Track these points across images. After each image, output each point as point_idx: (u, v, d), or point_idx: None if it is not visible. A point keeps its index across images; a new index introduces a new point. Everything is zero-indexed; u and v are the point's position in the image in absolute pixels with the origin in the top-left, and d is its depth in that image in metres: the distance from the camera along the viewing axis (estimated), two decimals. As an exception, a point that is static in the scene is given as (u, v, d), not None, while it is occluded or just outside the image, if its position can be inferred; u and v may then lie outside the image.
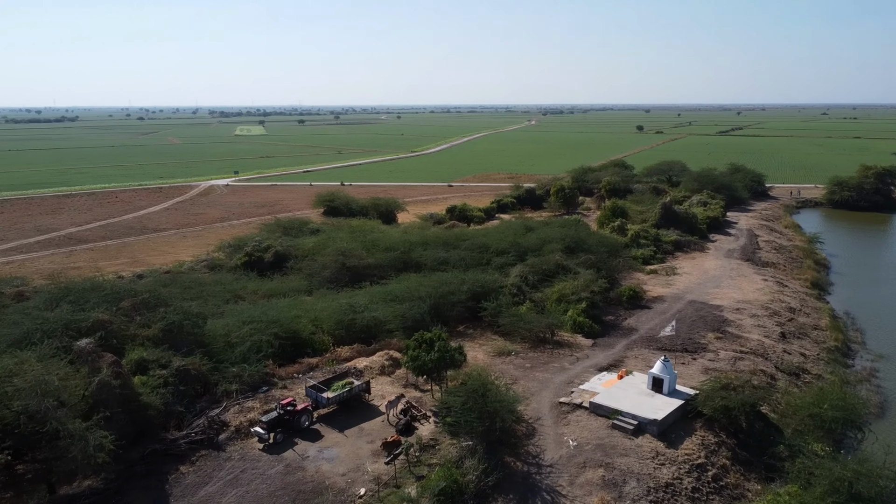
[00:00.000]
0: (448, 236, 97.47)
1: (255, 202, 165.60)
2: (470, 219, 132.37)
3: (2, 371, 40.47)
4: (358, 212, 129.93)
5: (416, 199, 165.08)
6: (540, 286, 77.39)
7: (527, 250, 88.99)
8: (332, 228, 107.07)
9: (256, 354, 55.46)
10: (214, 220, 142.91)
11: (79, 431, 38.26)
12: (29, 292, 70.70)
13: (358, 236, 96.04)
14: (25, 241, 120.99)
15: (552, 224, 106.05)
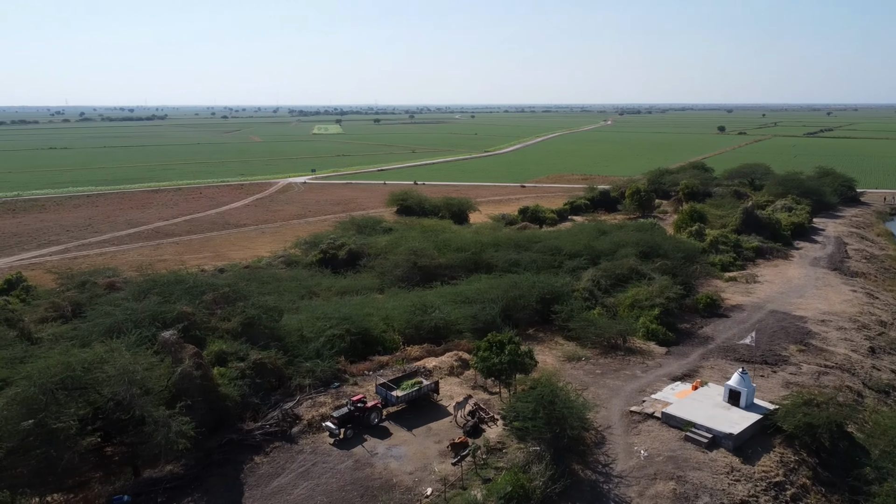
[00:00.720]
0: (520, 238, 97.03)
1: (330, 200, 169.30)
2: (542, 220, 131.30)
3: (94, 358, 42.82)
4: (430, 211, 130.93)
5: (488, 200, 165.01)
6: (612, 291, 76.05)
7: (600, 254, 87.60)
8: (404, 227, 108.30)
9: (329, 350, 56.75)
10: (291, 216, 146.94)
11: (162, 418, 40.15)
12: (120, 283, 74.64)
13: (430, 236, 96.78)
14: (117, 233, 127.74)
15: (626, 227, 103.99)
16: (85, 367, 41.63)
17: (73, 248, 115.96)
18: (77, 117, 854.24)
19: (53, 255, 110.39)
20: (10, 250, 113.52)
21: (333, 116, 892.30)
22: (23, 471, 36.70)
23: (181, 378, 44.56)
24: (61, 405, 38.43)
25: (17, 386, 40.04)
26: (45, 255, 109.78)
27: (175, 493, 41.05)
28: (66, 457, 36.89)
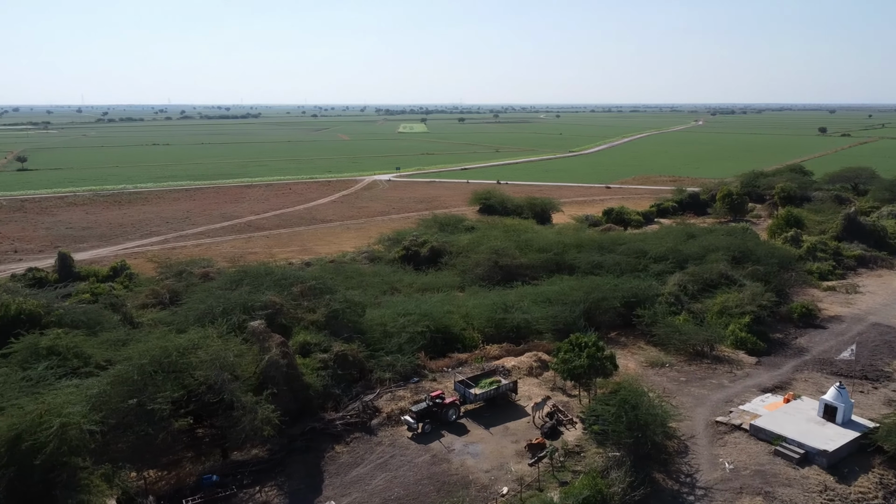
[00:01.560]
0: (603, 239, 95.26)
1: (414, 198, 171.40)
2: (627, 222, 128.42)
3: (189, 343, 45.05)
4: (513, 210, 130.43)
5: (571, 200, 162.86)
6: (700, 297, 73.52)
7: (687, 258, 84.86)
8: (486, 226, 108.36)
9: (410, 346, 57.53)
10: (376, 213, 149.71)
11: (249, 404, 41.82)
12: (213, 273, 78.20)
13: (512, 235, 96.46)
14: (212, 226, 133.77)
15: (717, 231, 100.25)
16: (180, 351, 43.88)
17: (172, 238, 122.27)
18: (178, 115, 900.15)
19: (154, 245, 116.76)
20: (116, 239, 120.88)
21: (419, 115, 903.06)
22: (123, 447, 39.09)
23: (268, 366, 46.25)
24: (158, 387, 40.66)
25: (120, 367, 42.70)
26: (147, 245, 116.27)
27: (259, 476, 42.71)
28: (160, 436, 39.00)
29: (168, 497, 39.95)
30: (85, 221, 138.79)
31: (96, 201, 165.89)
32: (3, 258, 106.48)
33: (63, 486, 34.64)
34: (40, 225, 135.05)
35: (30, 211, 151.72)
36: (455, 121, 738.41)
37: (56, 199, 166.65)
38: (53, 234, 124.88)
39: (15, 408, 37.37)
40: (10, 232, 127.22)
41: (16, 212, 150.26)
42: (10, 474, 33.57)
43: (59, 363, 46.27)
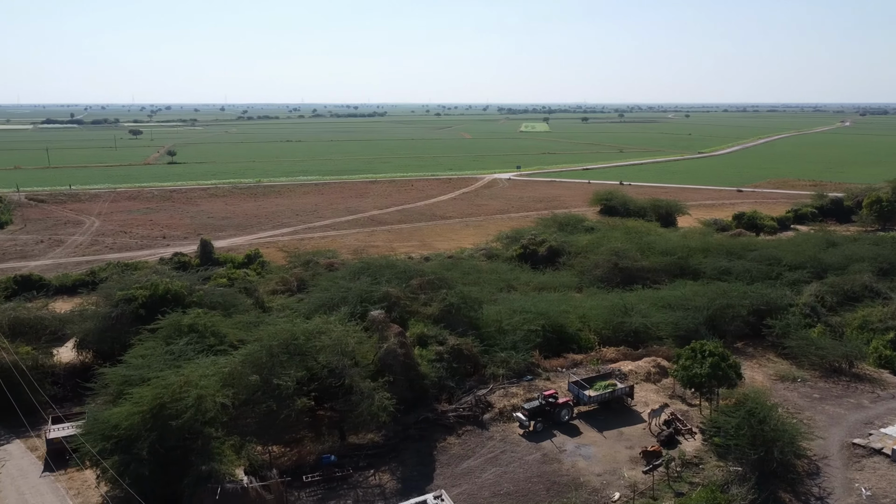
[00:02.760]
0: (732, 245, 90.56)
1: (533, 197, 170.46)
2: (759, 228, 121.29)
3: (313, 329, 47.35)
4: (635, 212, 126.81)
5: (699, 203, 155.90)
6: (839, 309, 68.34)
7: (827, 267, 79.10)
8: (607, 227, 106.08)
9: (524, 343, 57.37)
10: (495, 211, 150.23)
11: (367, 390, 43.37)
12: (338, 264, 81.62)
13: (633, 237, 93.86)
14: (338, 219, 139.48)
15: (862, 240, 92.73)
16: (305, 335, 46.22)
17: (301, 230, 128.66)
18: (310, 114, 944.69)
19: (285, 235, 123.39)
20: (251, 229, 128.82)
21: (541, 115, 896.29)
22: (250, 421, 41.76)
23: (386, 354, 47.72)
24: (283, 367, 43.07)
25: (251, 347, 45.60)
26: (279, 235, 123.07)
27: (374, 460, 44.19)
28: (284, 413, 41.26)
29: (290, 472, 42.17)
30: (224, 212, 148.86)
31: (235, 193, 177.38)
32: (153, 243, 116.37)
33: (198, 452, 37.55)
34: (186, 214, 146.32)
35: (177, 201, 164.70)
36: (578, 120, 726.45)
37: (200, 191, 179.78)
38: (197, 223, 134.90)
39: (159, 379, 40.87)
40: (160, 219, 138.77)
41: (165, 201, 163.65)
42: (153, 437, 36.83)
43: (198, 340, 50.01)
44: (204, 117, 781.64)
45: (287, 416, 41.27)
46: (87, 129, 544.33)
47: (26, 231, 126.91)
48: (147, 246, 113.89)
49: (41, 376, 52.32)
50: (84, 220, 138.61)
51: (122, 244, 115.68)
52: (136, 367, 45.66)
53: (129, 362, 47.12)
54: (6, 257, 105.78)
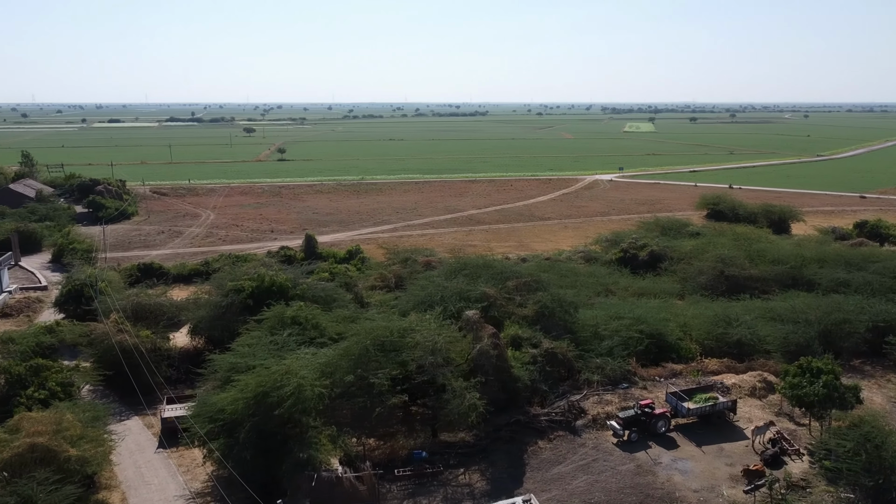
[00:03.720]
0: (852, 255, 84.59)
1: (635, 199, 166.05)
2: (884, 237, 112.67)
3: (408, 326, 48.24)
4: (745, 218, 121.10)
5: (816, 210, 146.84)
6: (976, 329, 62.41)
7: (961, 283, 72.39)
8: (713, 233, 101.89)
9: (621, 350, 56.07)
10: (595, 213, 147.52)
11: (459, 389, 43.72)
12: (435, 262, 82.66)
13: (742, 244, 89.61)
14: (437, 218, 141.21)
15: None
16: (400, 332, 47.17)
17: (401, 227, 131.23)
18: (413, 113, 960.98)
19: (385, 232, 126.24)
20: (353, 225, 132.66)
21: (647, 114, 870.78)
22: (346, 413, 43.09)
23: (479, 355, 47.89)
24: (379, 363, 44.13)
25: (348, 342, 47.01)
26: (379, 232, 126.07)
27: (465, 458, 44.49)
28: (377, 408, 42.26)
29: (382, 465, 43.17)
30: (328, 208, 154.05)
31: (339, 190, 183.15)
32: (262, 236, 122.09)
33: (296, 439, 39.15)
34: (293, 209, 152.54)
35: (285, 196, 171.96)
36: (686, 120, 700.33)
37: (306, 187, 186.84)
38: (302, 218, 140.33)
39: (262, 367, 42.89)
40: (269, 214, 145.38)
41: (274, 196, 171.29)
42: (255, 423, 38.75)
43: (300, 332, 52.10)
44: (312, 116, 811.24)
45: (380, 412, 42.25)
46: (206, 126, 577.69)
47: (150, 222, 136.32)
48: (256, 239, 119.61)
49: (158, 359, 56.13)
50: (200, 212, 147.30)
51: (233, 237, 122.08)
52: (242, 355, 48.11)
53: (237, 350, 49.73)
54: (132, 246, 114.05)
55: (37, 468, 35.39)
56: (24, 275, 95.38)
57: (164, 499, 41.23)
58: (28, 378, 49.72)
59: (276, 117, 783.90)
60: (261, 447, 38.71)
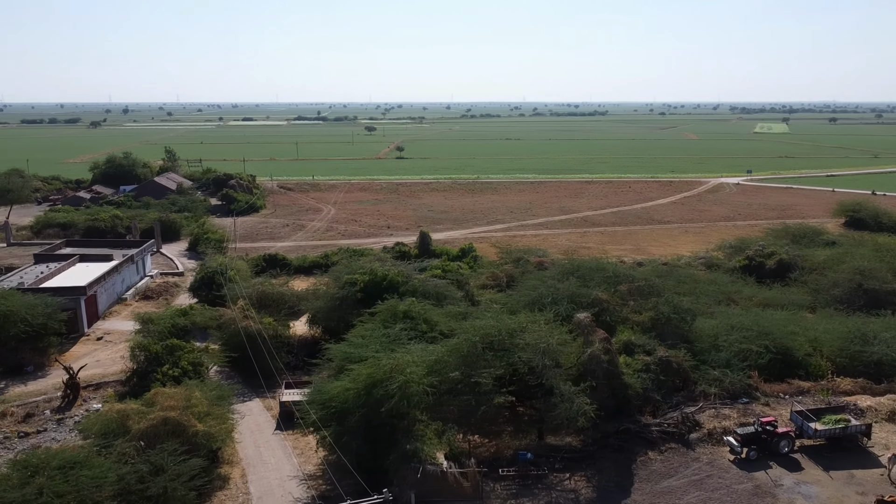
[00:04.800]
0: None
1: (764, 204, 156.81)
2: None
3: (518, 326, 48.00)
4: (889, 227, 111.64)
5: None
6: None
7: None
8: (851, 242, 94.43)
9: (741, 363, 53.23)
10: (718, 218, 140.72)
11: (567, 393, 43.01)
12: (547, 263, 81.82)
13: (884, 255, 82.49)
14: (551, 218, 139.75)
15: None
16: (509, 332, 47.02)
17: (514, 227, 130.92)
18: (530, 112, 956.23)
19: (498, 231, 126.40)
20: (466, 224, 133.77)
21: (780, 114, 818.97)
22: (453, 410, 43.49)
23: (589, 359, 46.94)
24: (486, 362, 44.21)
25: (457, 339, 47.43)
26: (492, 231, 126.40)
27: (570, 463, 43.77)
28: (483, 407, 42.30)
29: (487, 463, 43.27)
30: (443, 206, 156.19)
31: (454, 189, 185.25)
32: (378, 232, 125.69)
33: (403, 431, 40.02)
34: (409, 206, 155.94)
35: (402, 193, 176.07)
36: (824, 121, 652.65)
37: (422, 185, 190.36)
38: (417, 215, 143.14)
39: (374, 359, 44.13)
40: (386, 210, 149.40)
41: (391, 193, 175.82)
42: (364, 413, 39.97)
43: (411, 327, 53.17)
44: (431, 115, 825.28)
45: (486, 410, 42.32)
46: (330, 125, 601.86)
47: (275, 215, 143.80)
48: (373, 234, 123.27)
49: (279, 345, 59.14)
50: (322, 207, 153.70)
51: (352, 231, 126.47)
52: (355, 346, 49.72)
53: (351, 341, 51.47)
54: (258, 237, 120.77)
55: (168, 440, 38.21)
56: (164, 261, 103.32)
57: (279, 478, 43.40)
58: (164, 356, 53.93)
59: (396, 116, 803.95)
60: (369, 437, 39.90)
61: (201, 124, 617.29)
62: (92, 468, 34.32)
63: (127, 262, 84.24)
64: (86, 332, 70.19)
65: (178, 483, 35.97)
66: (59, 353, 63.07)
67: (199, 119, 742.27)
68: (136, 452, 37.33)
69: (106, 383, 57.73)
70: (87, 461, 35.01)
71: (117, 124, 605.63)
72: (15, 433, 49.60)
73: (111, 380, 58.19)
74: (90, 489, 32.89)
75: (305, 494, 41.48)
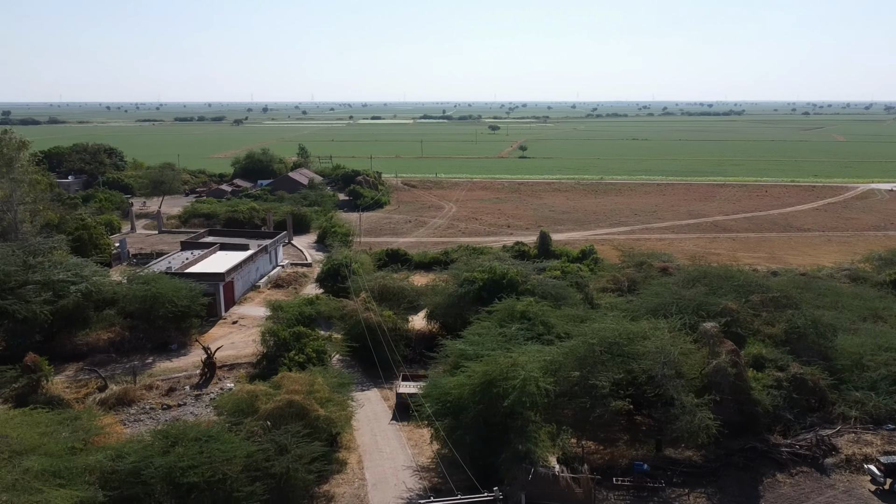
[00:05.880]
0: None
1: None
2: None
3: (638, 332, 46.49)
4: None
5: None
6: None
7: None
8: None
9: (889, 385, 48.67)
10: (867, 227, 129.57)
11: (689, 405, 41.12)
12: (672, 269, 78.60)
13: None
14: (678, 222, 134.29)
15: None
16: (629, 338, 45.63)
17: (638, 230, 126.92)
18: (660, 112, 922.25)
19: (620, 234, 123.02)
20: (588, 225, 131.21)
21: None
22: (568, 413, 42.82)
23: (715, 371, 44.67)
24: (604, 367, 43.14)
25: (575, 341, 46.61)
26: (614, 234, 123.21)
27: (689, 479, 41.88)
28: (598, 411, 41.28)
29: (601, 470, 42.24)
30: (565, 206, 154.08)
31: (576, 189, 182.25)
32: (498, 231, 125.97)
33: (517, 431, 39.85)
34: (529, 205, 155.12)
35: (523, 193, 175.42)
36: None
37: (544, 185, 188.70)
38: (538, 215, 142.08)
39: (490, 357, 44.24)
40: (507, 209, 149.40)
41: (513, 192, 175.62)
42: (479, 410, 40.19)
43: (528, 327, 52.85)
44: (555, 114, 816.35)
45: (601, 415, 41.30)
46: (455, 124, 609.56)
47: (399, 212, 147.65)
48: (493, 233, 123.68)
49: (397, 338, 60.73)
50: (444, 205, 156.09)
51: (472, 229, 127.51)
52: (472, 343, 50.07)
53: (467, 338, 51.88)
54: (382, 233, 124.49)
55: (291, 422, 40.21)
56: (295, 252, 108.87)
57: (394, 467, 44.57)
58: (291, 342, 56.86)
59: (520, 115, 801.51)
60: (482, 434, 40.08)
61: (333, 122, 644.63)
62: (223, 443, 36.75)
63: (261, 251, 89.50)
64: (223, 315, 75.23)
65: (300, 464, 37.76)
66: (199, 334, 68.04)
67: (331, 117, 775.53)
68: (263, 431, 39.56)
69: (238, 365, 61.66)
70: (220, 436, 37.54)
71: (257, 122, 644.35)
72: (159, 405, 54.10)
73: (243, 362, 62.06)
74: (221, 462, 35.22)
75: (418, 485, 42.32)
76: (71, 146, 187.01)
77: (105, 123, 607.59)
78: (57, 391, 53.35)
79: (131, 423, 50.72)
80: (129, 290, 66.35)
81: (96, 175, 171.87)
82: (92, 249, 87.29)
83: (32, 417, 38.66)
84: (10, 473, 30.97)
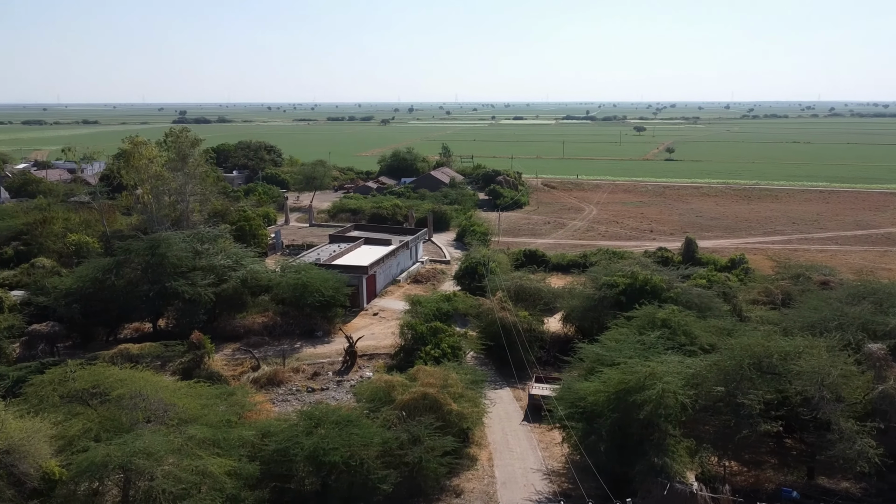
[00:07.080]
0: None
1: None
2: None
3: (792, 349, 43.13)
4: None
5: None
6: None
7: None
8: None
9: None
10: None
11: (848, 431, 37.68)
12: (834, 283, 72.28)
13: None
14: (843, 233, 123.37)
15: None
16: (782, 355, 42.49)
17: (795, 240, 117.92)
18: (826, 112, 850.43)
19: (775, 243, 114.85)
20: (739, 233, 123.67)
21: None
22: (709, 429, 40.68)
23: (881, 397, 40.65)
24: (752, 383, 40.46)
25: (720, 355, 44.14)
26: (768, 243, 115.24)
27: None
28: (745, 431, 38.82)
29: (744, 493, 39.73)
30: (713, 212, 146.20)
31: (727, 194, 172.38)
32: (640, 235, 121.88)
33: (653, 444, 38.41)
34: (675, 210, 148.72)
35: (668, 197, 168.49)
36: None
37: (691, 189, 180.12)
38: (684, 220, 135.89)
39: (627, 365, 42.96)
40: (650, 213, 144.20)
41: (657, 196, 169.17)
42: (614, 418, 39.16)
43: (669, 336, 50.66)
44: (707, 115, 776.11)
45: (747, 435, 38.84)
46: (598, 124, 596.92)
47: (538, 213, 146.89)
48: (635, 238, 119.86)
49: (532, 339, 60.54)
50: (584, 207, 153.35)
51: (612, 233, 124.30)
52: (609, 349, 48.85)
53: (604, 343, 50.66)
54: (520, 233, 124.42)
55: (425, 414, 41.30)
56: (434, 249, 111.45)
57: (523, 468, 44.53)
58: (428, 337, 58.35)
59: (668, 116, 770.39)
60: (617, 442, 39.03)
61: (475, 122, 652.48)
62: (361, 428, 38.49)
63: (403, 247, 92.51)
64: (364, 307, 78.57)
65: (432, 455, 38.69)
66: (342, 323, 71.54)
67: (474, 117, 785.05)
68: (398, 421, 40.95)
69: (377, 355, 64.20)
70: (358, 421, 39.35)
71: (403, 122, 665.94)
72: (305, 388, 57.53)
73: (382, 352, 64.52)
74: (358, 446, 36.92)
75: (547, 488, 42.00)
76: (236, 143, 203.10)
77: (266, 123, 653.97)
78: (217, 368, 58.14)
79: (279, 403, 54.33)
80: (282, 279, 70.96)
81: (257, 170, 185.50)
82: (251, 239, 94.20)
83: (196, 390, 42.41)
84: (178, 439, 34.23)
